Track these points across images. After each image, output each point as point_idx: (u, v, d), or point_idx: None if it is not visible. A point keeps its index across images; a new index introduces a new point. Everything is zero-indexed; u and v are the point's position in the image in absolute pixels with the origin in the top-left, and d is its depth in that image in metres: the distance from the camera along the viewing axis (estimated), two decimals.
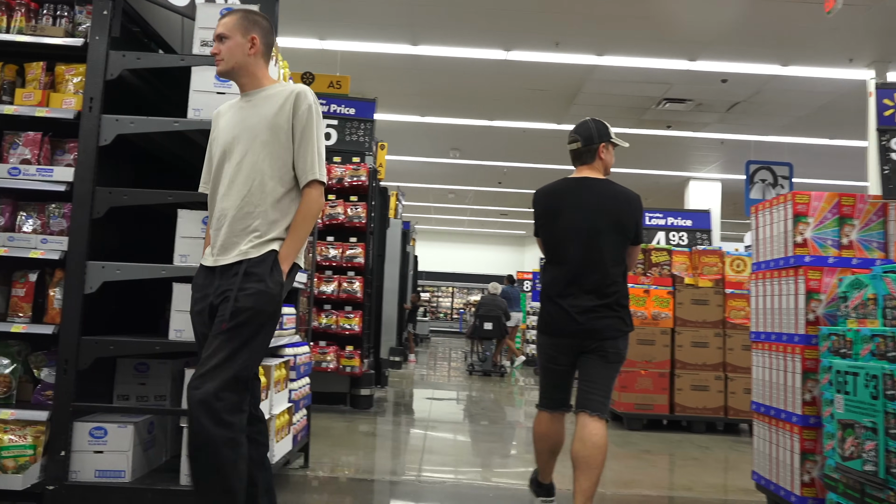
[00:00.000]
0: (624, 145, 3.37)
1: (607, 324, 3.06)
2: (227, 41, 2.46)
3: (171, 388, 3.33)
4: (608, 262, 3.09)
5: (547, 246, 3.29)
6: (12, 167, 2.96)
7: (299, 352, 3.95)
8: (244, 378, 2.29)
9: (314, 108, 2.47)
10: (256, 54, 2.50)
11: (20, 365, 3.06)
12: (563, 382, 3.26)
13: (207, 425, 2.17)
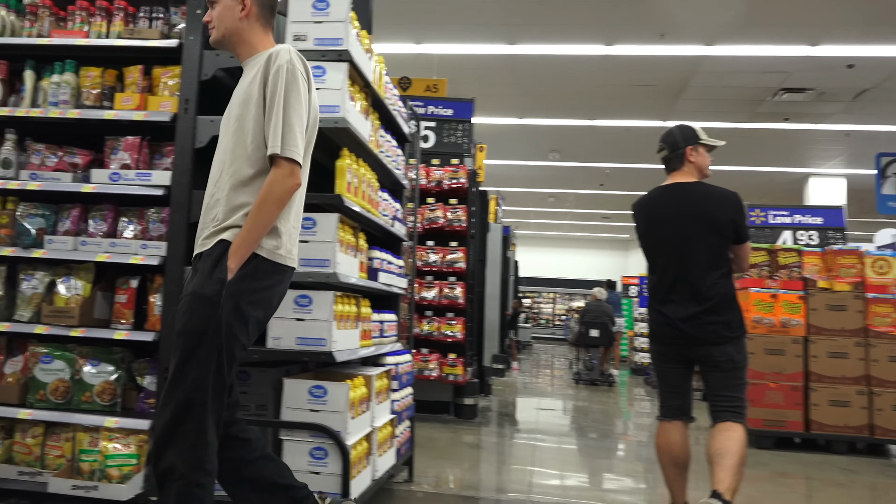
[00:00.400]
0: (718, 144, 3.26)
1: (710, 329, 3.00)
2: (217, 6, 2.20)
3: (272, 396, 3.22)
4: (706, 265, 3.04)
5: (647, 255, 3.28)
6: (113, 172, 2.94)
7: (401, 360, 3.77)
8: (196, 401, 1.94)
9: (285, 69, 2.06)
10: (249, 17, 2.19)
11: (124, 372, 3.03)
12: (679, 389, 3.17)
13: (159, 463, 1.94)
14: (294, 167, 2.05)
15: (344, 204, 2.77)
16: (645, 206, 3.29)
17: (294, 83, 2.07)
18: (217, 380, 1.97)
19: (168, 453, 1.93)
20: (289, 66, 2.06)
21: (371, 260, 3.35)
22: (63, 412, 2.91)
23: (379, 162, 3.40)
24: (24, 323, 2.98)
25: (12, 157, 3.08)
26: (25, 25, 3.12)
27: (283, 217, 2.11)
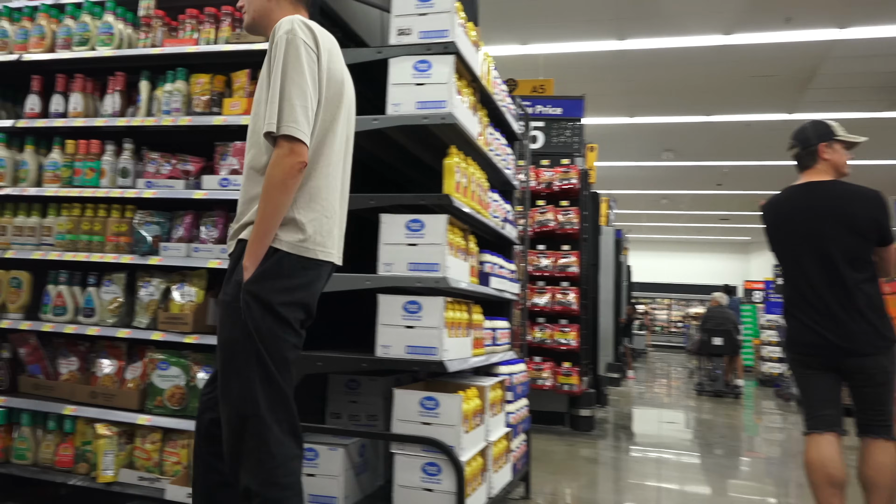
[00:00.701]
0: (859, 141, 2.98)
1: (861, 339, 2.77)
2: None
3: (382, 406, 3.11)
4: (845, 269, 2.83)
5: (780, 260, 3.08)
6: (223, 178, 2.92)
7: (515, 370, 3.57)
8: (248, 413, 1.78)
9: (284, 40, 1.84)
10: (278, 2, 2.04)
11: None
12: (829, 397, 2.90)
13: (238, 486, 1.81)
14: (295, 145, 1.80)
15: (453, 204, 2.62)
16: (775, 207, 3.09)
17: (293, 53, 1.84)
18: (268, 388, 1.79)
19: (241, 475, 1.80)
20: (288, 36, 1.85)
21: (482, 264, 3.18)
22: (179, 419, 2.91)
23: (488, 161, 3.23)
24: (143, 329, 3.01)
25: (130, 166, 3.14)
26: (140, 37, 3.19)
27: (305, 206, 1.87)
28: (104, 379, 3.12)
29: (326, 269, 1.95)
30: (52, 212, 3.30)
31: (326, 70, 1.92)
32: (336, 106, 1.97)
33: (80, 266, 3.36)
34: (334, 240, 1.97)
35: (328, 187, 1.93)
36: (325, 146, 1.93)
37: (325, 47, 1.93)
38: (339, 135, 1.98)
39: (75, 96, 3.24)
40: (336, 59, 1.99)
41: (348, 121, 2.07)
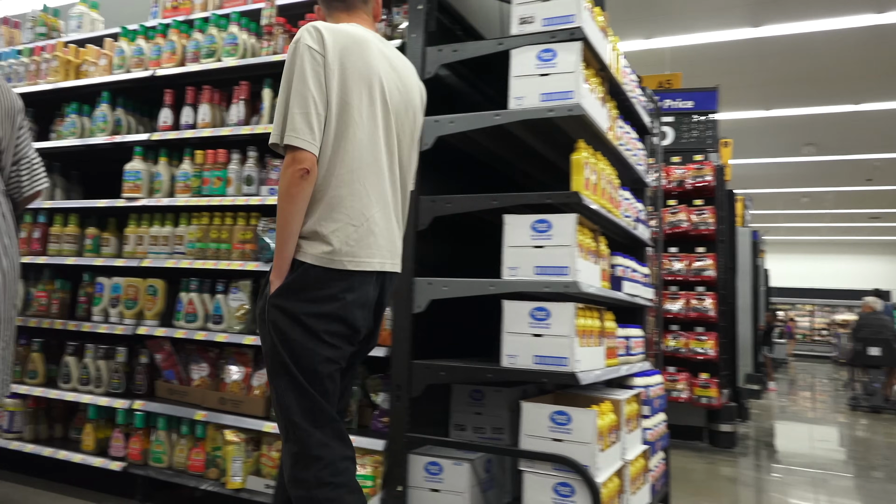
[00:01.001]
0: None
1: None
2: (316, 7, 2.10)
3: (508, 419, 2.94)
4: None
5: None
6: None
7: (651, 382, 3.30)
8: (290, 421, 1.80)
9: (291, 50, 1.81)
10: (329, 12, 2.02)
11: (359, 388, 2.94)
12: None
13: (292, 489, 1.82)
14: (296, 153, 1.75)
15: (582, 202, 2.42)
16: None
17: (297, 62, 1.79)
18: (300, 397, 1.79)
19: (293, 477, 1.80)
20: (295, 45, 1.80)
21: (613, 267, 2.95)
22: None
23: (618, 156, 2.99)
24: None
25: (254, 173, 3.16)
26: (263, 46, 3.21)
27: (326, 217, 1.81)
28: (232, 385, 3.15)
29: (365, 278, 1.87)
30: (184, 221, 3.39)
31: (339, 69, 1.82)
32: (356, 104, 1.84)
33: (209, 273, 3.44)
34: (373, 248, 1.88)
35: (353, 195, 1.83)
36: (342, 151, 1.82)
37: (337, 44, 1.82)
38: (373, 134, 1.88)
39: (203, 107, 3.32)
40: (356, 54, 1.85)
41: (403, 116, 1.97)
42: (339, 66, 1.81)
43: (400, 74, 1.99)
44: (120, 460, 3.20)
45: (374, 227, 1.87)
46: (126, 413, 3.26)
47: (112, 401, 3.27)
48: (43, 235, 3.73)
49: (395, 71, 1.97)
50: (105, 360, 3.41)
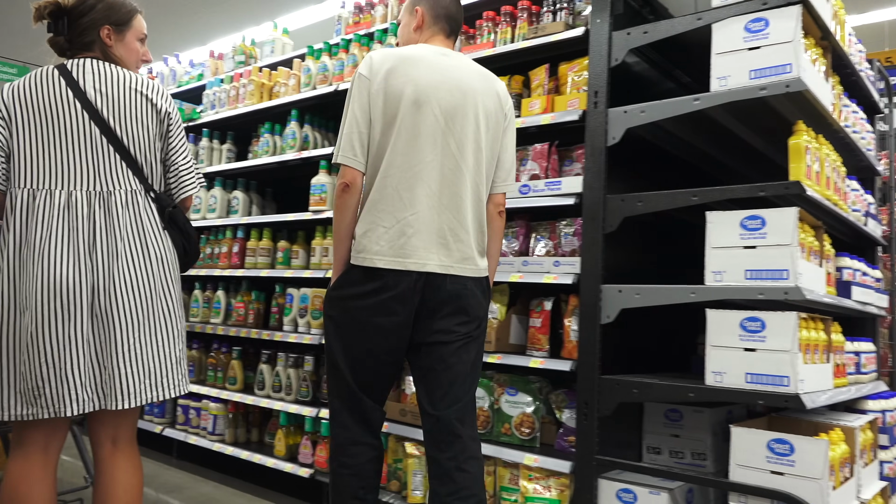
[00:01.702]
0: None
1: None
2: (399, 26, 2.28)
3: (711, 444, 2.60)
4: None
5: None
6: (522, 185, 2.71)
7: (888, 406, 2.78)
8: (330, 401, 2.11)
9: (353, 77, 2.04)
10: (423, 29, 2.19)
11: (542, 404, 2.74)
12: None
13: None
14: (343, 169, 2.00)
15: (805, 194, 2.05)
16: None
17: (351, 88, 2.04)
18: (337, 379, 2.05)
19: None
20: (356, 75, 2.04)
21: (840, 270, 2.51)
22: (483, 443, 2.73)
23: (844, 140, 2.56)
24: None
25: None
26: None
27: (361, 219, 2.01)
28: (412, 397, 3.09)
29: (401, 277, 1.94)
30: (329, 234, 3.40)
31: (383, 89, 1.99)
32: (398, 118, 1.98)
33: None
34: (407, 249, 1.96)
35: (384, 199, 1.97)
36: (381, 162, 1.99)
37: (383, 68, 2.00)
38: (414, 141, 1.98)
39: None
40: (401, 72, 2.00)
41: (449, 124, 2.02)
42: (385, 87, 1.99)
43: (459, 83, 2.05)
44: (308, 467, 3.26)
45: (407, 230, 1.96)
46: (313, 421, 3.32)
47: (300, 408, 3.35)
48: (241, 250, 3.95)
49: (450, 80, 2.04)
50: (294, 369, 3.51)
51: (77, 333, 1.87)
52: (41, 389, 1.82)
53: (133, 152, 2.01)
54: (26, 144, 1.95)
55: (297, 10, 8.04)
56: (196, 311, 4.18)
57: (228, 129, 4.36)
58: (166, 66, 4.95)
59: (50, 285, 1.85)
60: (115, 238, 1.94)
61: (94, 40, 2.06)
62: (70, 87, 1.97)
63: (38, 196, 1.93)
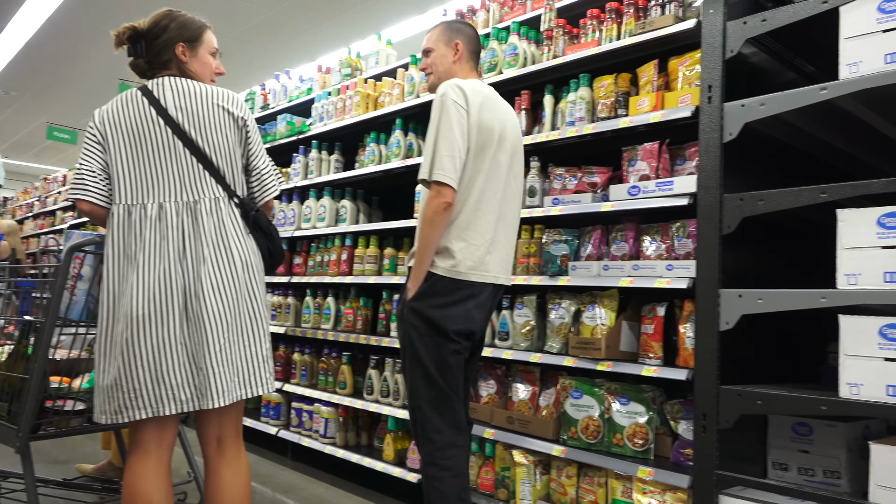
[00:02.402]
0: None
1: None
2: (432, 53, 2.48)
3: (846, 462, 2.39)
4: None
5: None
6: (631, 186, 2.61)
7: None
8: (414, 406, 2.25)
9: (438, 102, 2.23)
10: (461, 60, 2.46)
11: (655, 414, 2.63)
12: None
13: None
14: (441, 188, 2.15)
15: None
16: None
17: (443, 113, 2.20)
18: (427, 385, 2.21)
19: (419, 450, 2.28)
20: (442, 98, 2.22)
21: None
22: (594, 454, 2.65)
23: None
24: (554, 354, 2.85)
25: (536, 184, 3.05)
26: (543, 52, 3.11)
27: (456, 237, 2.22)
28: (520, 405, 3.04)
29: (484, 287, 2.27)
30: None
31: (477, 122, 2.23)
32: (488, 149, 2.27)
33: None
34: (491, 264, 2.28)
35: (478, 220, 2.25)
36: (474, 186, 2.24)
37: (476, 102, 2.25)
38: (495, 171, 2.29)
39: None
40: (489, 108, 2.29)
41: (514, 157, 2.38)
42: (477, 119, 2.23)
43: (515, 123, 2.43)
44: (416, 472, 3.27)
45: (491, 248, 2.28)
46: None
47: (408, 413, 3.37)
48: (349, 257, 4.04)
49: (512, 119, 2.41)
50: (402, 374, 3.54)
51: (172, 336, 1.97)
52: (139, 391, 1.93)
53: (215, 161, 2.11)
54: (120, 164, 2.08)
55: (400, 22, 8.19)
56: (308, 317, 4.31)
57: (336, 140, 4.48)
58: (278, 82, 5.16)
59: (145, 292, 1.96)
60: (201, 244, 2.02)
61: (170, 58, 2.17)
62: (153, 106, 2.09)
63: (132, 211, 2.05)
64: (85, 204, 2.07)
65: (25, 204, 12.44)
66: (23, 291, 2.56)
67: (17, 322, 2.45)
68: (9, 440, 2.11)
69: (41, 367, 2.08)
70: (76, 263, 2.19)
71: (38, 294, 2.52)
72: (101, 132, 2.11)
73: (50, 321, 2.10)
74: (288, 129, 4.73)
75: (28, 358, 2.15)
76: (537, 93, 3.22)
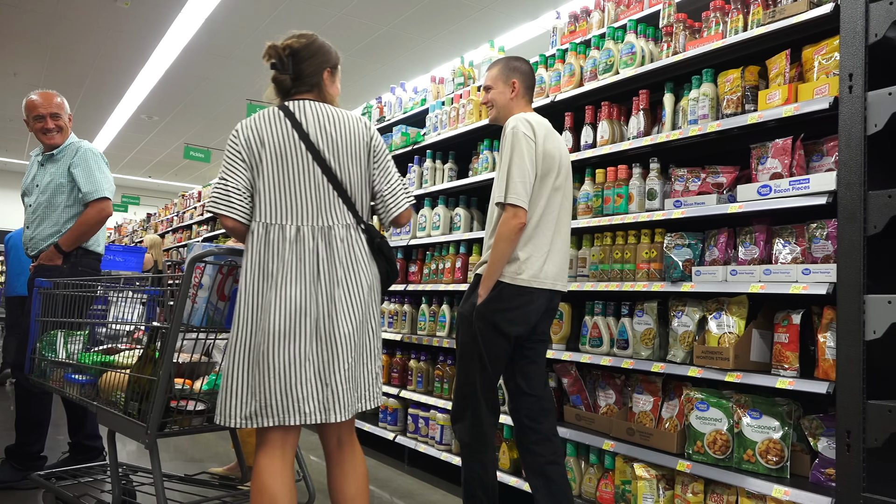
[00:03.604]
0: None
1: None
2: (492, 90, 2.77)
3: None
4: None
5: None
6: (761, 185, 2.45)
7: None
8: (468, 394, 2.58)
9: (510, 134, 2.53)
10: (518, 97, 2.74)
11: (791, 430, 2.44)
12: None
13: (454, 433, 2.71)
14: (517, 210, 2.47)
15: None
16: None
17: (516, 143, 2.51)
18: (482, 375, 2.56)
19: (456, 427, 2.65)
20: (513, 131, 2.53)
21: None
22: (723, 470, 2.50)
23: None
24: (677, 364, 2.72)
25: (657, 186, 2.93)
26: (662, 49, 2.99)
27: (521, 248, 2.53)
28: (641, 416, 2.92)
29: (540, 294, 2.56)
30: (587, 243, 3.32)
31: (542, 151, 2.55)
32: (550, 175, 2.58)
33: (612, 296, 3.29)
34: (549, 272, 2.57)
35: (538, 235, 2.56)
36: (537, 206, 2.55)
37: (541, 134, 2.56)
38: (555, 193, 2.60)
39: (602, 124, 3.22)
40: (551, 139, 2.60)
41: (567, 179, 2.68)
42: (542, 149, 2.55)
43: (563, 144, 2.72)
44: None
45: (548, 258, 2.57)
46: None
47: None
48: (463, 265, 4.05)
49: (563, 143, 2.71)
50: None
51: (303, 353, 2.06)
52: (268, 401, 2.04)
53: (348, 190, 2.20)
54: (264, 182, 2.14)
55: (513, 29, 8.19)
56: (423, 324, 4.36)
57: (449, 148, 4.52)
58: (393, 95, 5.28)
59: (282, 309, 2.05)
60: (335, 268, 2.12)
61: (317, 82, 2.24)
62: (295, 129, 2.15)
63: (270, 230, 2.12)
64: (230, 221, 2.15)
65: (166, 219, 13.43)
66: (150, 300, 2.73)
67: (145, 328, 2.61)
68: (139, 436, 2.25)
69: (167, 369, 2.21)
70: (197, 273, 2.30)
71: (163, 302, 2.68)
72: (246, 149, 2.17)
73: (174, 327, 2.23)
74: (403, 140, 4.82)
75: (155, 361, 2.29)
76: (655, 92, 3.11)
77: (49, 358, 2.82)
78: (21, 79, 11.13)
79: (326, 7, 7.78)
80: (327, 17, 8.05)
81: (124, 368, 2.47)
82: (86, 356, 2.67)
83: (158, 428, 2.23)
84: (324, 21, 8.14)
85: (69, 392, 2.70)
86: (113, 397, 2.46)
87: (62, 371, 2.77)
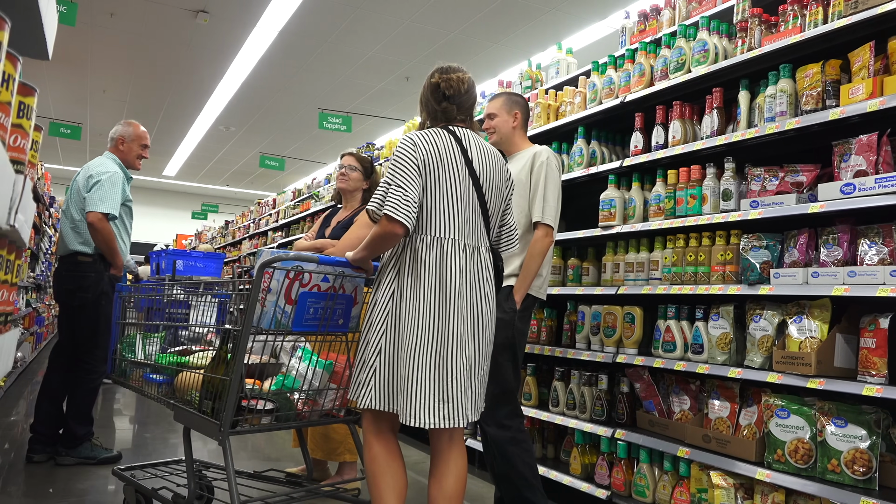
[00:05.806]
0: None
1: None
2: (496, 118, 3.07)
3: None
4: None
5: None
6: (844, 184, 2.35)
7: None
8: (507, 389, 2.90)
9: (546, 164, 2.92)
10: (518, 127, 3.08)
11: (879, 439, 2.33)
12: None
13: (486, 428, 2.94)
14: (549, 230, 2.88)
15: None
16: None
17: (550, 172, 2.92)
18: (514, 371, 2.92)
19: (491, 422, 2.88)
20: (548, 161, 2.93)
21: None
22: (805, 480, 2.40)
23: None
24: (755, 369, 2.64)
25: (732, 187, 2.85)
26: (736, 45, 2.91)
27: (543, 265, 2.96)
28: (717, 422, 2.84)
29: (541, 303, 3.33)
30: (658, 245, 3.25)
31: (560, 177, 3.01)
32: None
33: (686, 299, 3.21)
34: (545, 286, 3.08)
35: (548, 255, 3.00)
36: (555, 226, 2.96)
37: (559, 167, 3.04)
38: None
39: (674, 124, 3.16)
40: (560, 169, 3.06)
41: None
42: (559, 176, 3.00)
43: None
44: (604, 488, 3.17)
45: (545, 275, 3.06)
46: (609, 441, 3.23)
47: (595, 427, 3.28)
48: None
49: None
50: (588, 387, 3.46)
51: (469, 361, 2.26)
52: (455, 404, 2.21)
53: (490, 217, 2.40)
54: (436, 196, 2.26)
55: (581, 31, 8.11)
56: None
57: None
58: None
59: (459, 320, 2.23)
60: (481, 284, 2.32)
61: (472, 114, 2.46)
62: (462, 155, 2.31)
63: (446, 243, 2.25)
64: (401, 228, 2.21)
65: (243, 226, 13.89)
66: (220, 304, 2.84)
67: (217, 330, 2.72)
68: (213, 433, 2.34)
69: (239, 370, 2.29)
70: (266, 278, 2.38)
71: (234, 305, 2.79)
72: (424, 160, 2.27)
73: (245, 329, 2.31)
74: None
75: (227, 362, 2.38)
76: (729, 90, 3.02)
77: (129, 358, 2.98)
78: (109, 95, 11.74)
79: (395, 16, 7.90)
80: (396, 26, 8.17)
81: (198, 369, 2.58)
82: (162, 357, 2.80)
83: (231, 426, 2.31)
84: (393, 29, 8.27)
85: (148, 391, 2.83)
86: (188, 396, 2.57)
87: (141, 371, 2.91)
